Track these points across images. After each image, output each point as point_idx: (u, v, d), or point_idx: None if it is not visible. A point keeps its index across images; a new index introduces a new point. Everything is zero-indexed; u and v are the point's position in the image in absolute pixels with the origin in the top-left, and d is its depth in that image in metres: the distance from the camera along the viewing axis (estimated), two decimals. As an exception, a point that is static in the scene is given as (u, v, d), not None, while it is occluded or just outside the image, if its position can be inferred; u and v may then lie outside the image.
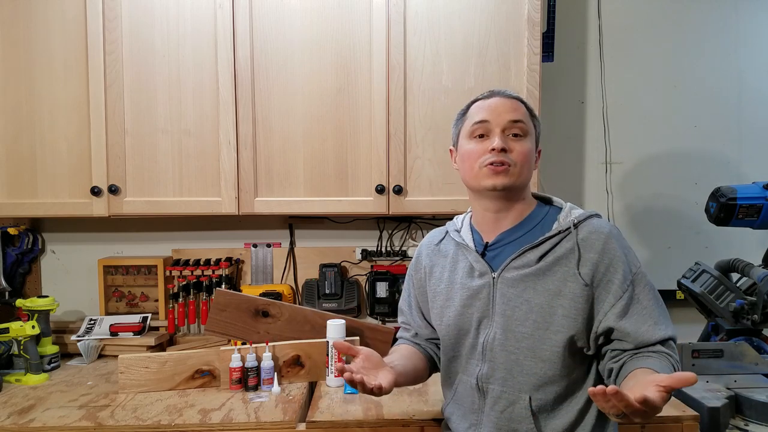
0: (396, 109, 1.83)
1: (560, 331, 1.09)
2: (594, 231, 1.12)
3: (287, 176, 1.85)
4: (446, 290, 1.23)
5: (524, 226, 1.18)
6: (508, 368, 1.13)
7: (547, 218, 1.18)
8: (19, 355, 1.74)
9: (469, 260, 1.20)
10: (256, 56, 1.82)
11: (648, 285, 1.12)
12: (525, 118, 1.17)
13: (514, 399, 1.12)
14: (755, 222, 1.76)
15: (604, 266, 1.10)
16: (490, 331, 1.15)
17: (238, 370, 1.60)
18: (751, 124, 2.30)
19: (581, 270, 1.10)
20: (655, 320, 1.09)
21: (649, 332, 1.08)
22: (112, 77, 1.80)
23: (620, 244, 1.12)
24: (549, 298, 1.10)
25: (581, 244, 1.11)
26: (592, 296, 1.10)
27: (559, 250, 1.12)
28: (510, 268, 1.14)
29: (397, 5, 1.81)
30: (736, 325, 1.76)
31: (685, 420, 1.44)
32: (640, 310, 1.09)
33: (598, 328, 1.10)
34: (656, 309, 1.11)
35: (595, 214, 1.17)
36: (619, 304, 1.09)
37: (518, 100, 1.19)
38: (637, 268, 1.12)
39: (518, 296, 1.12)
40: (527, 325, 1.11)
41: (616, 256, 1.10)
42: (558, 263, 1.12)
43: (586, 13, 2.27)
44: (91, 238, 2.18)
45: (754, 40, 2.29)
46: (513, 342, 1.12)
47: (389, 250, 2.20)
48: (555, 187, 2.22)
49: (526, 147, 1.16)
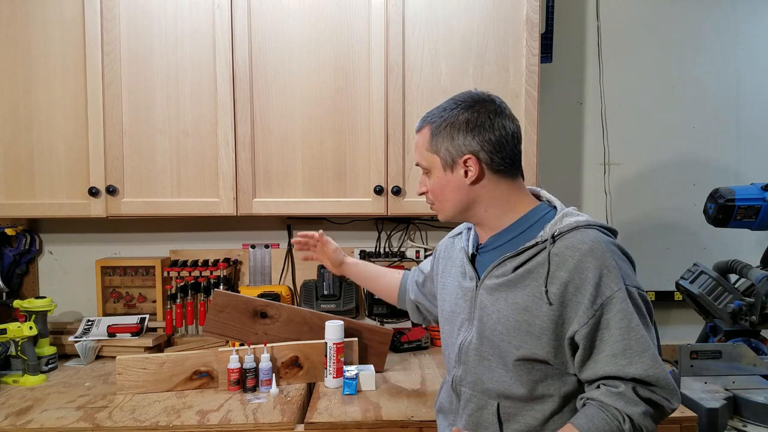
0: (394, 110, 1.83)
1: (522, 347, 1.05)
2: (570, 246, 1.02)
3: (285, 177, 1.85)
4: (449, 285, 1.24)
5: (514, 230, 1.12)
6: (479, 373, 1.12)
7: (537, 225, 1.10)
8: (16, 356, 1.73)
9: (463, 262, 1.21)
10: (255, 57, 1.82)
11: (626, 311, 0.99)
12: (423, 153, 1.14)
13: (482, 404, 1.12)
14: (753, 223, 1.76)
15: (574, 286, 1.00)
16: (468, 334, 1.15)
17: (237, 371, 1.60)
18: (749, 125, 2.31)
19: (549, 288, 1.02)
20: (615, 352, 0.98)
21: (601, 364, 1.00)
22: (110, 77, 1.80)
23: (600, 263, 1.00)
24: (516, 311, 1.05)
25: (553, 259, 1.02)
26: (560, 317, 1.02)
27: (533, 262, 1.05)
28: (491, 276, 1.11)
29: (396, 6, 1.80)
30: (734, 326, 1.76)
31: (683, 421, 1.44)
32: (605, 338, 0.99)
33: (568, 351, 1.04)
34: (627, 340, 0.98)
35: (586, 226, 1.05)
36: (583, 330, 1.00)
37: (422, 128, 1.15)
38: (615, 291, 0.99)
39: (492, 305, 1.09)
40: (496, 334, 1.08)
41: (588, 277, 0.99)
42: (529, 276, 1.05)
43: (585, 14, 2.27)
44: (88, 238, 2.17)
45: (752, 41, 2.29)
46: (486, 348, 1.11)
47: (388, 251, 2.20)
48: (553, 187, 2.19)
49: (433, 182, 1.14)
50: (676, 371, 1.62)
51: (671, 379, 1.00)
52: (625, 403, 0.98)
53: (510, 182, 1.12)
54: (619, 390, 0.99)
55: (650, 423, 1.00)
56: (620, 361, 0.98)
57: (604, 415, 0.98)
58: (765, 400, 1.51)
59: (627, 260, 1.07)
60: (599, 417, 0.98)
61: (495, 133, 1.08)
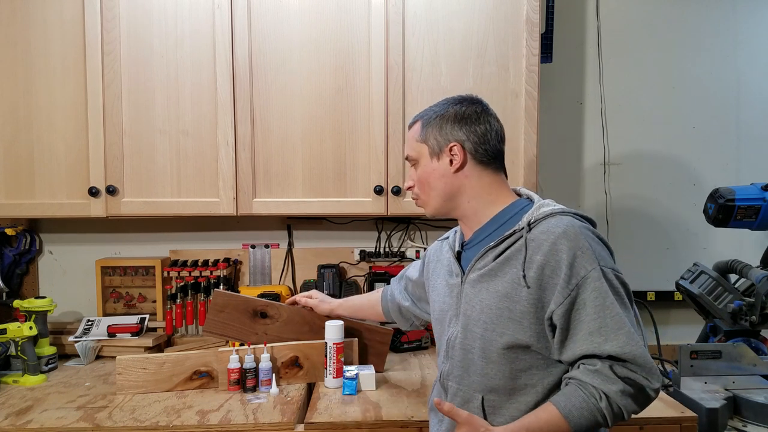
0: (394, 110, 1.83)
1: (506, 334, 1.07)
2: (545, 231, 1.06)
3: (285, 177, 1.85)
4: (438, 286, 1.27)
5: (495, 222, 1.15)
6: (464, 367, 1.14)
7: (516, 217, 1.13)
8: (16, 356, 1.73)
9: (450, 260, 1.23)
10: (255, 57, 1.82)
11: (600, 290, 1.01)
12: (413, 143, 1.21)
13: (468, 398, 1.13)
14: (753, 223, 1.76)
15: (550, 268, 1.03)
16: (454, 329, 1.17)
17: (236, 371, 1.60)
18: (749, 125, 2.31)
19: (527, 272, 1.05)
20: (591, 330, 1.00)
21: (578, 344, 1.01)
22: (110, 77, 1.80)
23: (573, 244, 1.02)
24: (498, 299, 1.08)
25: (529, 245, 1.06)
26: (539, 300, 1.04)
27: (511, 250, 1.09)
28: (474, 269, 1.14)
29: (396, 6, 1.80)
30: (734, 326, 1.76)
31: (683, 421, 1.44)
32: (581, 317, 1.01)
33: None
34: (603, 318, 1.00)
35: (561, 213, 1.09)
36: (559, 310, 1.02)
37: (414, 123, 1.22)
38: (589, 271, 1.01)
39: (475, 296, 1.12)
40: (479, 325, 1.11)
41: (562, 258, 1.02)
42: (508, 263, 1.08)
43: (585, 14, 2.27)
44: (88, 238, 2.17)
45: (752, 41, 2.29)
46: (470, 341, 1.13)
47: (388, 251, 2.20)
48: (553, 187, 2.22)
49: (420, 171, 1.20)
50: (676, 371, 1.62)
51: (649, 357, 1.01)
52: (602, 380, 0.99)
53: (492, 175, 1.17)
54: (595, 367, 1.00)
55: (629, 403, 1.00)
56: (596, 339, 1.00)
57: (582, 392, 0.99)
58: (765, 400, 1.51)
59: (602, 245, 1.09)
60: (577, 395, 1.00)
61: (481, 126, 1.16)
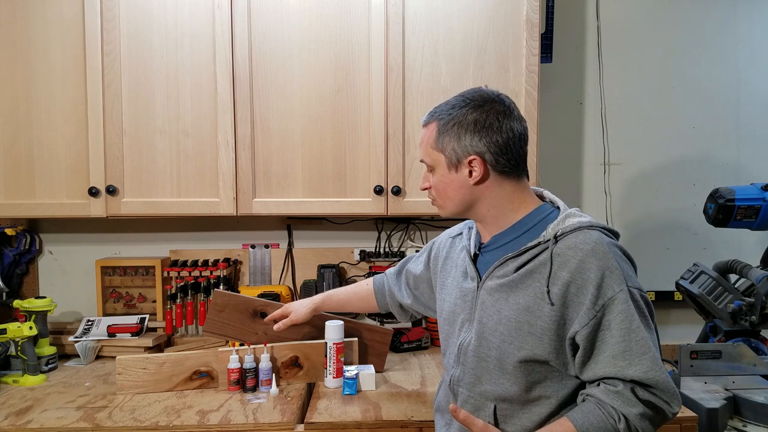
0: (394, 110, 1.83)
1: (524, 348, 1.04)
2: (573, 246, 1.02)
3: (285, 177, 1.85)
4: (450, 285, 1.24)
5: (517, 229, 1.11)
6: (477, 375, 1.12)
7: (540, 225, 1.10)
8: (16, 356, 1.73)
9: (465, 262, 1.20)
10: (255, 57, 1.82)
11: (627, 312, 0.99)
12: (429, 150, 1.13)
13: (479, 405, 1.12)
14: (753, 223, 1.76)
15: (576, 286, 1.00)
16: (467, 335, 1.14)
17: (236, 371, 1.60)
18: (749, 125, 2.31)
19: (551, 288, 1.02)
20: (615, 354, 0.98)
21: (600, 365, 1.00)
22: (110, 78, 1.80)
23: (602, 264, 1.00)
24: (518, 312, 1.05)
25: (555, 260, 1.02)
26: (562, 317, 1.02)
27: (535, 262, 1.05)
28: (492, 276, 1.11)
29: (396, 6, 1.80)
30: (734, 326, 1.76)
31: (683, 421, 1.44)
32: (606, 339, 0.99)
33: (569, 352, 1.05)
34: (627, 342, 0.98)
35: (589, 227, 1.05)
36: (584, 331, 1.00)
37: (429, 123, 1.14)
38: (617, 292, 0.99)
39: (492, 305, 1.09)
40: (496, 335, 1.08)
41: (589, 278, 1.00)
42: (531, 276, 1.05)
43: (585, 14, 2.27)
44: (88, 238, 2.17)
45: (752, 41, 2.29)
46: (485, 350, 1.10)
47: (388, 251, 2.20)
48: (553, 187, 2.17)
49: (437, 179, 1.14)
50: (676, 371, 1.62)
51: (671, 382, 1.00)
52: (622, 402, 0.98)
53: (514, 183, 1.12)
54: (617, 389, 0.99)
55: (647, 425, 0.99)
56: (619, 363, 0.99)
57: (600, 412, 0.99)
58: (765, 400, 1.51)
59: (629, 262, 1.06)
60: (595, 413, 0.99)
61: (502, 135, 1.08)
